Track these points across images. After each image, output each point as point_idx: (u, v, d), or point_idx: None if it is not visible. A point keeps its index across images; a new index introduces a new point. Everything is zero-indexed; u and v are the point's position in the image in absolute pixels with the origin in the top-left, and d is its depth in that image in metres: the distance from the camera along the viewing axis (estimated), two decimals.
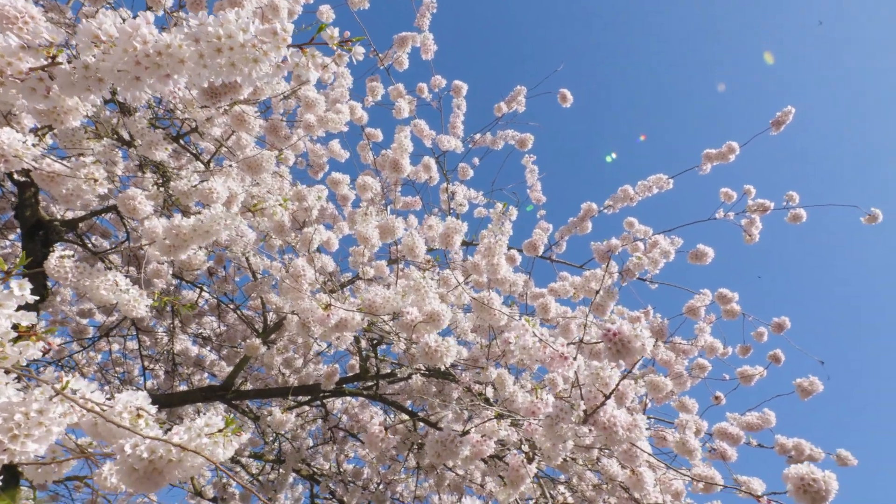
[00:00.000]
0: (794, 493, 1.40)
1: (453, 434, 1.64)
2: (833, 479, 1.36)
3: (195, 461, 1.05)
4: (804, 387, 3.06)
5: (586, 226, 4.39)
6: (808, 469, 1.38)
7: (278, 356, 3.40)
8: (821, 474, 1.35)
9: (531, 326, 1.56)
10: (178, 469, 1.04)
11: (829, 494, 1.35)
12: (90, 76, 1.00)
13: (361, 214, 2.71)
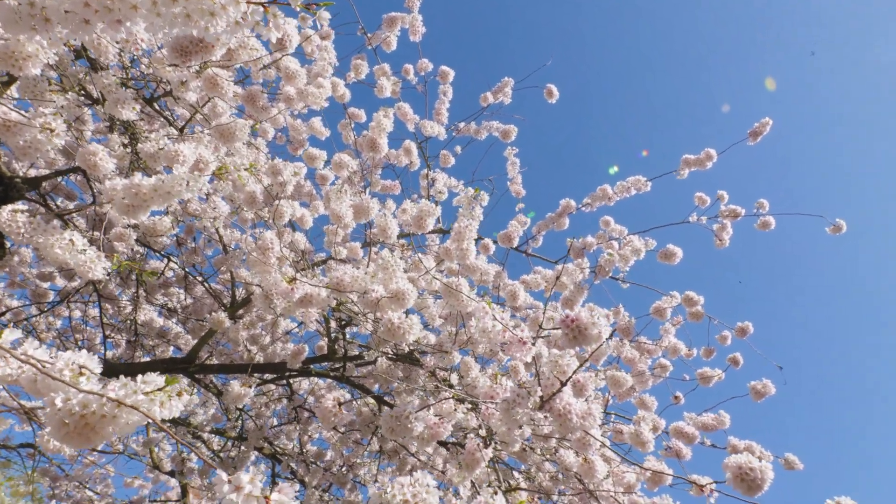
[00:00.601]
0: (731, 482, 1.44)
1: (407, 410, 1.64)
2: (769, 470, 1.40)
3: (131, 418, 1.03)
4: (758, 389, 3.15)
5: (564, 222, 4.42)
6: (746, 459, 1.42)
7: (244, 331, 3.35)
8: (758, 464, 1.39)
9: (491, 309, 1.56)
10: (113, 425, 1.02)
11: (765, 483, 1.39)
12: (36, 14, 0.95)
13: (336, 192, 2.67)
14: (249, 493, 0.93)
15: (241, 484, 0.92)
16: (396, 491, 1.25)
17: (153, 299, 3.76)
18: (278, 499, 0.94)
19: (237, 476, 0.93)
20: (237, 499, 0.92)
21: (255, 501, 0.93)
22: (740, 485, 1.42)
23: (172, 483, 6.06)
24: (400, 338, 1.71)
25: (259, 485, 0.94)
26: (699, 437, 3.36)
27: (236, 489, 0.92)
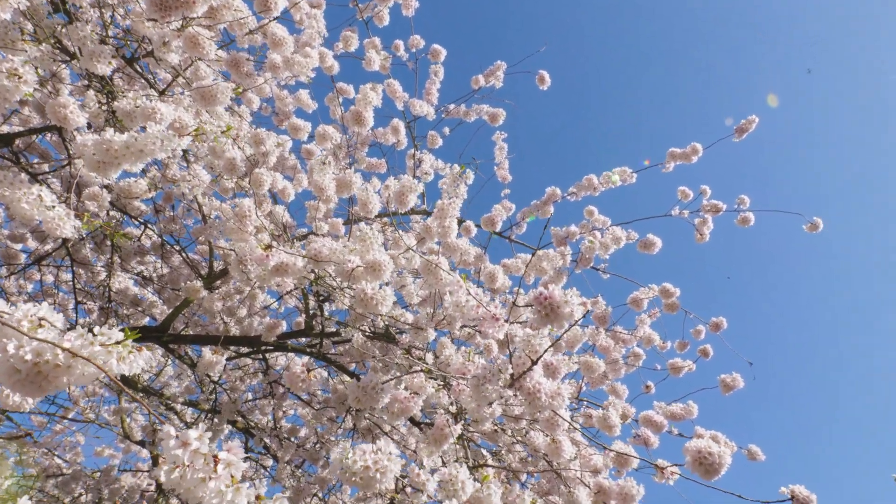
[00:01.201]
0: (690, 465, 1.47)
1: (374, 381, 1.63)
2: (727, 455, 1.43)
3: (86, 370, 1.00)
4: (727, 382, 3.22)
5: (548, 210, 4.42)
6: (705, 444, 1.44)
7: (219, 301, 3.30)
8: (716, 449, 1.42)
9: (466, 283, 1.56)
10: (68, 376, 0.99)
11: (721, 468, 1.42)
12: None
13: (318, 164, 2.63)
14: (196, 450, 0.91)
15: (188, 440, 0.91)
16: (358, 457, 1.25)
17: (128, 266, 3.69)
18: (226, 457, 0.93)
19: (185, 432, 0.92)
20: (184, 455, 0.90)
21: (203, 459, 0.92)
22: (699, 468, 1.45)
23: (144, 454, 6.02)
24: (373, 309, 1.70)
25: (207, 442, 0.93)
26: (667, 426, 3.43)
27: (183, 444, 0.91)
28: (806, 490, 1.56)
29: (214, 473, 0.90)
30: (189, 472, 0.90)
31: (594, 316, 3.56)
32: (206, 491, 0.89)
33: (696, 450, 1.44)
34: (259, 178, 2.37)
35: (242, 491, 0.90)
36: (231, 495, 0.89)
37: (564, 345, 3.35)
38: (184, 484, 0.90)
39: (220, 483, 0.89)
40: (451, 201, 2.25)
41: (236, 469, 0.91)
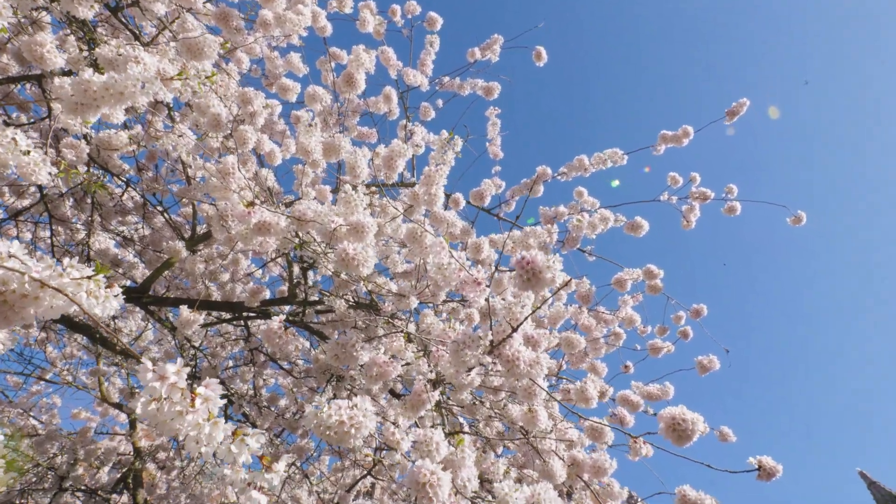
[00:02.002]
0: (663, 431, 1.49)
1: (353, 339, 1.62)
2: (700, 422, 1.45)
3: (55, 301, 0.97)
4: (703, 364, 3.28)
5: (538, 189, 4.41)
6: (679, 410, 1.47)
7: (202, 264, 3.26)
8: (690, 415, 1.45)
9: (448, 245, 1.54)
10: (35, 307, 0.96)
11: (694, 434, 1.44)
12: None
13: (306, 126, 2.58)
14: (174, 385, 0.90)
15: (165, 373, 0.89)
16: (333, 412, 1.25)
17: (109, 225, 3.61)
18: (205, 392, 0.92)
19: (162, 365, 0.90)
20: (161, 388, 0.89)
21: (180, 393, 0.91)
22: (671, 434, 1.48)
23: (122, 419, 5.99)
24: (354, 270, 1.68)
25: (184, 377, 0.91)
26: (643, 406, 3.50)
27: (160, 378, 0.89)
28: (772, 461, 1.60)
29: (192, 408, 0.89)
30: (166, 406, 0.88)
31: (578, 295, 3.59)
32: (184, 424, 0.88)
33: (671, 416, 1.46)
34: (243, 136, 2.32)
35: (220, 425, 0.89)
36: (209, 429, 0.88)
37: (547, 321, 3.38)
38: (160, 417, 0.88)
39: (197, 417, 0.88)
40: (439, 168, 2.22)
41: (214, 405, 0.90)
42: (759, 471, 1.57)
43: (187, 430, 0.87)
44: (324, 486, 5.68)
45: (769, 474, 1.56)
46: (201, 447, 0.89)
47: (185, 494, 5.39)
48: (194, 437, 0.88)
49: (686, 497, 2.13)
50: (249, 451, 0.91)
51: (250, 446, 0.91)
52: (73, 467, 4.51)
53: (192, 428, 0.87)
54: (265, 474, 0.94)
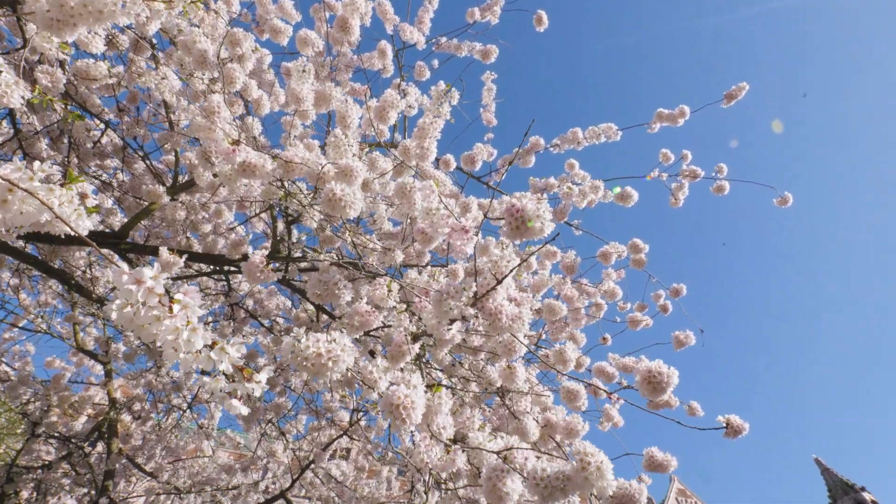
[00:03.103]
0: (639, 384, 1.52)
1: (335, 276, 1.60)
2: (675, 376, 1.48)
3: (24, 207, 0.93)
4: (679, 339, 3.35)
5: (529, 159, 4.38)
6: (656, 364, 1.49)
7: (182, 212, 3.18)
8: (665, 369, 1.47)
9: (437, 187, 1.52)
10: (3, 212, 0.92)
11: (669, 386, 1.47)
12: None
13: (297, 70, 2.49)
14: (151, 289, 0.87)
15: (142, 277, 0.86)
16: (311, 343, 1.23)
17: (86, 167, 3.48)
18: (183, 299, 0.89)
19: (139, 269, 0.87)
20: (137, 292, 0.86)
21: (157, 299, 0.88)
22: (646, 387, 1.50)
23: (98, 370, 5.94)
24: (341, 211, 1.65)
25: (161, 283, 0.88)
26: (617, 377, 3.58)
27: (136, 282, 0.86)
28: (739, 419, 1.65)
29: (169, 313, 0.86)
30: (143, 311, 0.86)
31: (562, 265, 3.61)
32: (161, 329, 0.85)
33: (647, 369, 1.49)
34: (231, 74, 2.24)
35: (199, 332, 0.87)
36: (187, 334, 0.86)
37: (530, 289, 3.40)
38: (137, 321, 0.86)
39: (175, 322, 0.85)
40: (434, 121, 2.18)
41: (192, 313, 0.88)
42: (727, 428, 1.62)
43: (165, 335, 0.85)
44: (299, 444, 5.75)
45: (736, 431, 1.61)
46: (180, 354, 0.87)
47: (160, 446, 5.41)
48: (172, 344, 0.86)
49: (653, 457, 2.20)
50: (230, 360, 0.89)
51: (230, 355, 0.89)
52: (47, 414, 4.46)
53: (170, 333, 0.85)
54: (246, 384, 0.92)
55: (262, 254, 1.89)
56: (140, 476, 5.93)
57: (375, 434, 5.34)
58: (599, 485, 1.13)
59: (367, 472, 5.76)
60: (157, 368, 4.89)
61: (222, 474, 5.72)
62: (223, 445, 6.73)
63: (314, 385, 5.52)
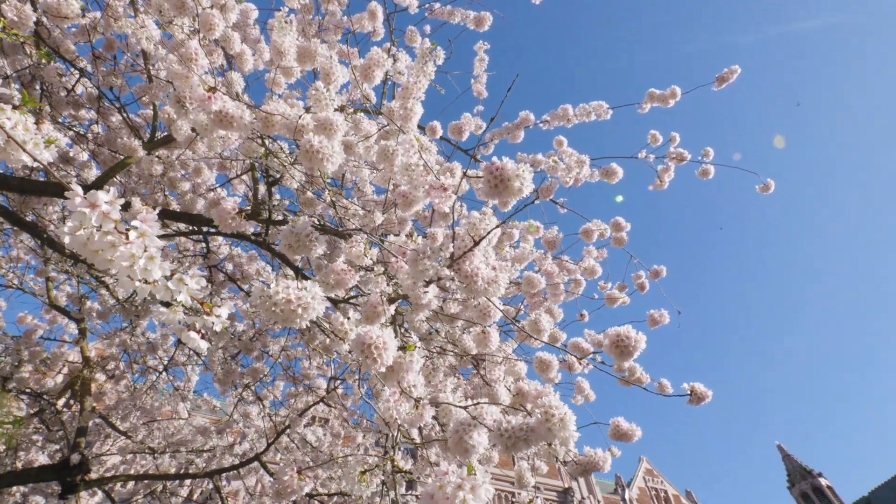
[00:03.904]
0: (608, 347, 1.54)
1: (308, 229, 1.58)
2: (642, 341, 1.50)
3: None
4: (654, 317, 3.40)
5: (518, 134, 4.34)
6: (625, 329, 1.51)
7: (159, 166, 3.09)
8: (634, 334, 1.49)
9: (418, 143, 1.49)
10: None
11: (636, 351, 1.50)
12: None
13: (280, 22, 2.41)
14: (107, 214, 0.84)
15: (97, 201, 0.83)
16: (281, 289, 1.22)
17: (59, 115, 3.35)
18: (141, 227, 0.86)
19: (93, 192, 0.84)
20: (91, 215, 0.83)
21: (113, 225, 0.85)
22: (615, 350, 1.52)
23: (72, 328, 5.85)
24: (318, 164, 1.62)
25: (118, 208, 0.85)
26: (591, 353, 3.64)
27: (91, 205, 0.83)
28: (703, 387, 1.69)
29: (125, 240, 0.84)
30: (97, 236, 0.82)
31: (544, 240, 3.62)
32: (116, 256, 0.83)
33: (615, 333, 1.51)
34: (209, 20, 2.15)
35: (157, 261, 0.84)
36: (144, 262, 0.83)
37: (511, 260, 3.41)
38: (91, 246, 0.83)
39: (132, 249, 0.83)
40: (418, 80, 2.13)
41: (151, 241, 0.85)
42: (691, 395, 1.66)
43: (120, 262, 0.82)
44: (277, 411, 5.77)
45: (699, 398, 1.65)
46: (136, 282, 0.84)
47: (135, 407, 5.38)
48: (127, 271, 0.83)
49: (619, 427, 2.25)
50: (188, 291, 0.87)
51: (189, 286, 0.87)
52: (17, 369, 4.40)
53: (125, 260, 0.82)
54: (205, 317, 0.91)
55: (235, 200, 1.85)
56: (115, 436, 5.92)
57: (352, 402, 5.38)
58: (562, 435, 1.14)
59: (343, 440, 5.82)
60: (133, 328, 4.83)
61: (197, 436, 5.73)
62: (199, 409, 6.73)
63: (293, 352, 5.52)
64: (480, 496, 0.92)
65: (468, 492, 0.91)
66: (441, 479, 0.94)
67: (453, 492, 0.90)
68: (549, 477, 22.35)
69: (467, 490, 0.91)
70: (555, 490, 21.95)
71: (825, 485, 33.65)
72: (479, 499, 0.91)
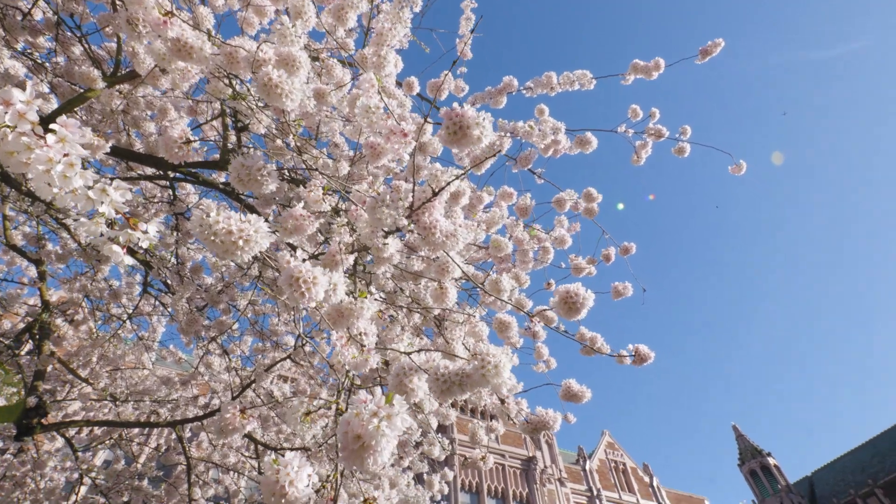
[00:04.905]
0: (556, 304, 1.56)
1: (260, 162, 1.54)
2: (590, 298, 1.52)
3: None
4: (618, 289, 3.47)
5: (501, 100, 4.27)
6: (574, 286, 1.53)
7: (119, 100, 2.95)
8: (582, 291, 1.51)
9: (379, 83, 1.45)
10: None
11: (584, 308, 1.52)
12: None
13: None
14: (22, 114, 0.79)
15: (10, 98, 0.78)
16: (222, 218, 1.19)
17: (14, 41, 3.16)
18: (61, 131, 0.82)
19: (6, 89, 0.79)
20: (5, 114, 0.78)
21: (30, 126, 0.81)
22: (563, 306, 1.54)
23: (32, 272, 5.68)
24: (276, 99, 1.56)
25: (35, 110, 0.81)
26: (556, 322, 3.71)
27: (4, 103, 0.78)
28: (647, 349, 1.74)
29: (43, 143, 0.79)
30: (11, 136, 0.78)
31: (517, 207, 3.62)
32: (32, 159, 0.78)
33: (565, 290, 1.53)
34: None
35: (77, 168, 0.80)
36: (62, 168, 0.79)
37: (484, 224, 3.41)
38: (4, 146, 0.78)
39: (49, 153, 0.78)
40: (393, 27, 2.06)
41: (72, 147, 0.81)
42: (635, 356, 1.70)
43: (36, 165, 0.78)
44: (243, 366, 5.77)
45: (642, 359, 1.70)
46: (54, 189, 0.81)
47: (96, 354, 5.31)
48: (45, 177, 0.79)
49: (570, 387, 2.31)
50: (112, 203, 0.84)
51: (112, 198, 0.83)
52: None
53: (42, 164, 0.78)
54: (130, 231, 0.87)
55: (184, 128, 1.78)
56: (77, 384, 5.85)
57: (319, 360, 5.41)
58: (495, 381, 1.16)
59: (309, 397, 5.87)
60: (94, 273, 4.72)
61: (162, 387, 5.71)
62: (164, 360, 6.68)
63: (261, 308, 5.49)
64: (396, 424, 0.93)
65: (383, 419, 0.92)
66: (358, 406, 0.95)
67: (369, 418, 0.91)
68: (514, 446, 23.11)
69: (383, 417, 0.92)
70: (519, 458, 22.74)
71: (773, 464, 35.68)
72: (394, 426, 0.93)
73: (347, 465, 1.07)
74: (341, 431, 1.05)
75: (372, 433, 1.01)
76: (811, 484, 36.86)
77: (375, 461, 1.06)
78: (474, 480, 20.76)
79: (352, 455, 1.06)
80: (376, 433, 1.01)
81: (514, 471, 22.25)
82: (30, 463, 5.80)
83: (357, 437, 1.04)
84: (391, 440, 1.04)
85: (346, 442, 1.05)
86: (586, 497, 24.27)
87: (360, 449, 1.05)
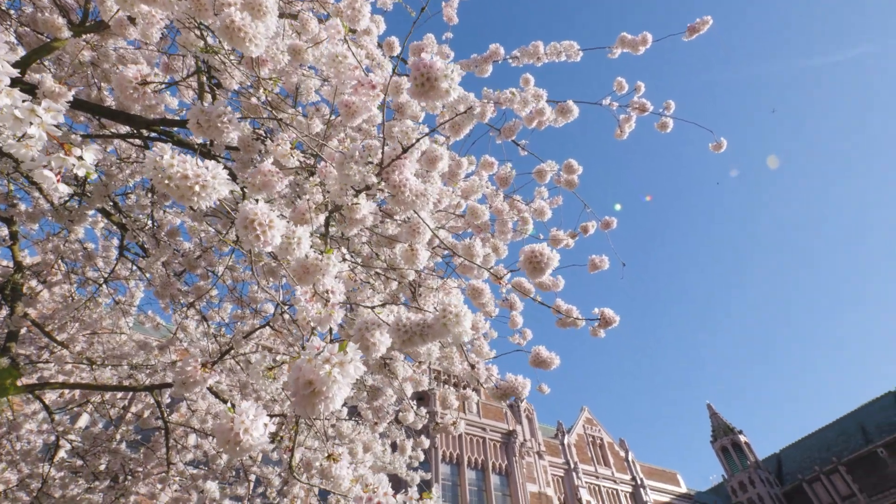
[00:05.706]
0: (522, 264, 1.56)
1: (221, 109, 1.49)
2: (555, 259, 1.52)
3: None
4: (595, 262, 3.48)
5: (486, 69, 4.19)
6: (540, 246, 1.52)
7: (87, 51, 2.84)
8: (547, 251, 1.51)
9: (346, 31, 1.40)
10: None
11: (548, 268, 1.52)
12: None
13: None
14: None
15: None
16: (176, 161, 1.15)
17: None
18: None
19: None
20: None
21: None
22: (528, 266, 1.54)
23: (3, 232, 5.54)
24: (239, 43, 1.50)
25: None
26: (533, 293, 3.73)
27: None
28: (612, 312, 1.75)
29: None
30: None
31: (497, 177, 3.60)
32: None
33: (530, 250, 1.53)
34: None
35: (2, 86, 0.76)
36: None
37: (461, 193, 3.38)
38: None
39: None
40: None
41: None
42: (600, 319, 1.72)
43: None
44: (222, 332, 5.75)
45: (608, 322, 1.71)
46: None
47: (72, 317, 5.24)
48: None
49: (539, 354, 2.33)
50: (42, 125, 0.80)
51: (43, 119, 0.79)
52: None
53: None
54: (63, 157, 0.84)
55: (139, 69, 1.71)
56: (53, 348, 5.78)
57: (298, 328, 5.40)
58: (456, 330, 1.16)
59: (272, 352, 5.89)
60: (68, 234, 4.61)
61: (140, 352, 5.68)
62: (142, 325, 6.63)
63: (240, 275, 5.44)
64: (349, 372, 0.93)
65: (336, 365, 0.91)
66: (311, 353, 0.94)
67: (321, 364, 0.90)
68: (494, 419, 23.59)
69: (335, 364, 0.91)
70: (499, 431, 23.25)
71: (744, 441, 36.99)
72: (346, 374, 0.92)
73: (299, 410, 1.07)
74: (293, 377, 1.04)
75: (323, 379, 1.01)
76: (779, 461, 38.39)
77: (327, 407, 1.06)
78: (455, 452, 21.22)
79: (303, 400, 1.06)
80: (328, 379, 1.01)
81: (494, 443, 22.77)
82: (5, 425, 5.77)
83: (308, 383, 1.04)
84: (343, 387, 1.04)
85: (298, 387, 1.05)
86: (563, 469, 25.02)
87: (312, 395, 1.05)
